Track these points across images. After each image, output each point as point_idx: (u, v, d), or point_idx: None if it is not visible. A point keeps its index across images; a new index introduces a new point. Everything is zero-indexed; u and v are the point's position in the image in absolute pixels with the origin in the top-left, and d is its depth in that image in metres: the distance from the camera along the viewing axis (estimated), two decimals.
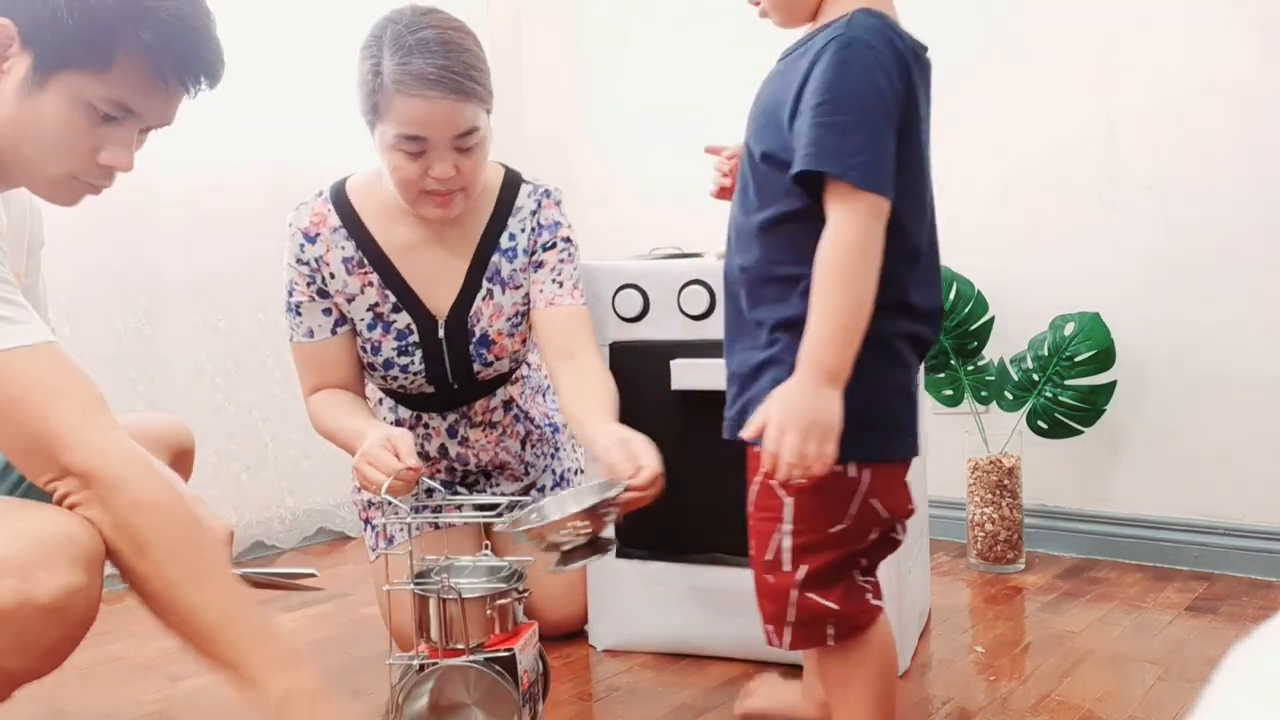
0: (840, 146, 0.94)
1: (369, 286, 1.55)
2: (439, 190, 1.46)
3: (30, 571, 0.92)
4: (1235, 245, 1.97)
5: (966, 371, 2.15)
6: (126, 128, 1.07)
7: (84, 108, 1.04)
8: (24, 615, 0.91)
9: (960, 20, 2.27)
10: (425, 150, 1.42)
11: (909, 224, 1.01)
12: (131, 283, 2.25)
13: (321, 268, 1.54)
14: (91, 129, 1.05)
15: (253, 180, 2.45)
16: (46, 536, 0.94)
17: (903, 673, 1.49)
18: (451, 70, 1.38)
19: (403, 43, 1.38)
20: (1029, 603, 1.84)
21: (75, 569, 0.94)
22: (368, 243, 1.54)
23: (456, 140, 1.42)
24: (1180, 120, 2.01)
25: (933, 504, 2.05)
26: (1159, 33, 2.03)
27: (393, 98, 1.39)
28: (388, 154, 1.45)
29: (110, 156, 1.07)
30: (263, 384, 2.44)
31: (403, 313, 1.55)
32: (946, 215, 2.29)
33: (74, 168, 1.07)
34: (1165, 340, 2.05)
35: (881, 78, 0.96)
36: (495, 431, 1.67)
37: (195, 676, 1.60)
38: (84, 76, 1.02)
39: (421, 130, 1.40)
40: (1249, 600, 1.81)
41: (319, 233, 1.54)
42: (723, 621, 1.55)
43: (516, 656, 1.14)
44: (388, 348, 1.56)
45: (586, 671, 1.57)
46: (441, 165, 1.43)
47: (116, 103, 1.05)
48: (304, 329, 1.56)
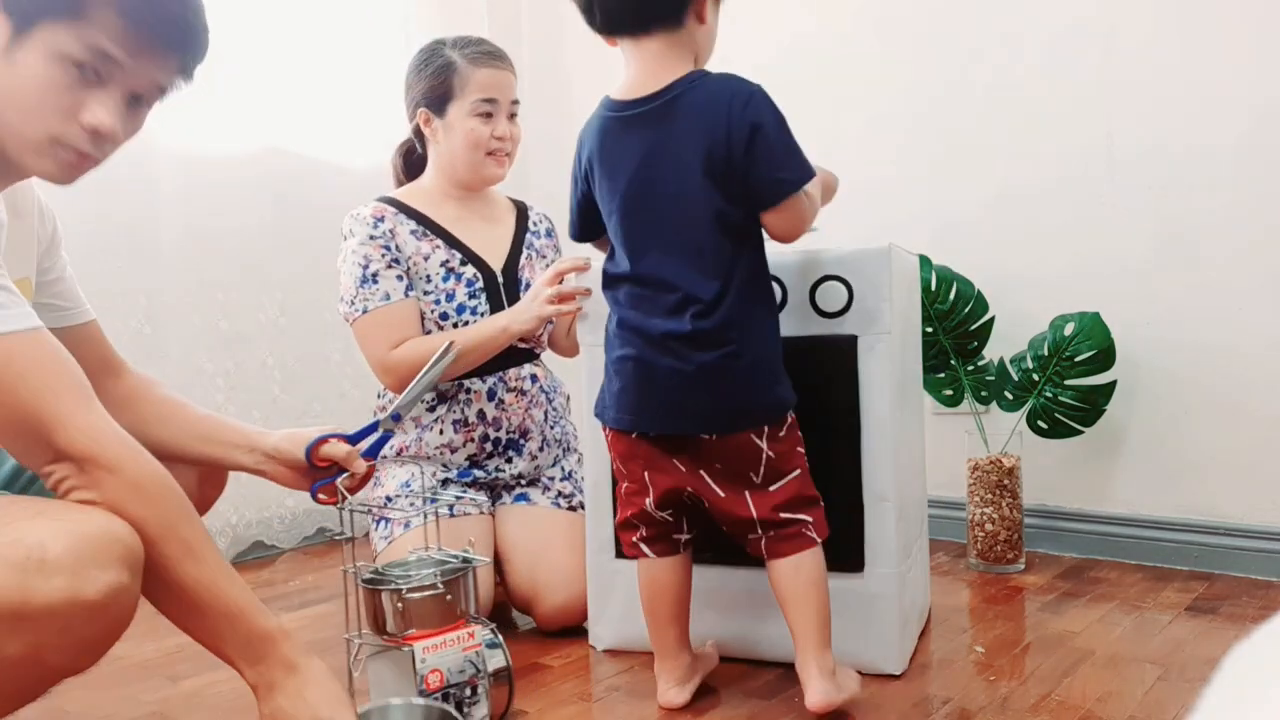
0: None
1: (437, 248, 1.85)
2: (499, 149, 1.85)
3: (80, 570, 0.94)
4: (1235, 245, 1.97)
5: (966, 371, 2.15)
6: (109, 90, 1.07)
7: (62, 62, 1.03)
8: (72, 612, 0.94)
9: (960, 20, 2.27)
10: (493, 114, 1.83)
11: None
12: (131, 283, 2.25)
13: (394, 239, 1.81)
14: (72, 87, 1.04)
15: (253, 181, 2.45)
16: (93, 536, 0.96)
17: (902, 673, 1.49)
18: (502, 52, 1.87)
19: (461, 41, 1.85)
20: (1029, 603, 1.84)
21: (121, 568, 0.97)
22: (425, 219, 1.87)
23: (511, 106, 1.87)
24: (1180, 120, 2.01)
25: (933, 504, 2.05)
26: (1159, 33, 2.03)
27: (472, 72, 1.82)
28: (466, 121, 1.82)
29: (92, 115, 1.05)
30: (263, 384, 2.44)
31: (469, 266, 1.86)
32: (947, 215, 2.31)
33: (56, 129, 1.05)
34: (1165, 340, 2.05)
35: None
36: (525, 399, 1.88)
37: (195, 676, 1.60)
38: (58, 28, 1.02)
39: (495, 93, 1.83)
40: (1249, 600, 1.81)
41: (383, 216, 1.83)
42: (723, 622, 1.55)
43: (415, 654, 1.23)
44: (460, 294, 1.84)
45: (586, 671, 1.57)
46: (502, 126, 1.85)
47: (93, 48, 1.04)
48: (380, 294, 1.78)
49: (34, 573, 0.92)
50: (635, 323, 1.35)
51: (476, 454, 1.85)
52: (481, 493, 1.85)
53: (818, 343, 1.48)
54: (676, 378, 1.31)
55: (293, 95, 2.50)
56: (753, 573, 1.53)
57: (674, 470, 1.37)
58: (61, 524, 0.96)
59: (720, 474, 1.35)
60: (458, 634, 1.27)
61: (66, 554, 0.94)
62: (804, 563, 1.35)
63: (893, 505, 1.47)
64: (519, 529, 1.79)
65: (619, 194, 1.35)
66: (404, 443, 1.84)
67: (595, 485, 1.65)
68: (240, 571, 1.10)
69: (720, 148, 1.28)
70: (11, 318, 1.00)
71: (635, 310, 1.35)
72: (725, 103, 1.28)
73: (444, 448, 1.82)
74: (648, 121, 1.33)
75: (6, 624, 0.91)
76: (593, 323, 1.63)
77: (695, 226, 1.31)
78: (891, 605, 1.48)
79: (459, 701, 1.26)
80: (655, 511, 1.40)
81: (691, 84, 1.31)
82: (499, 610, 1.82)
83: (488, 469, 1.86)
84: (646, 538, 1.42)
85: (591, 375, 1.63)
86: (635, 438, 1.38)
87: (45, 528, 0.95)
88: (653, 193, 1.33)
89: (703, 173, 1.29)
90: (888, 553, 1.48)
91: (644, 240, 1.34)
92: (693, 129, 1.29)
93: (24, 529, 0.95)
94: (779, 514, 1.35)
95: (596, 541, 1.65)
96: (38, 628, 0.93)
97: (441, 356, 1.41)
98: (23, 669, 0.94)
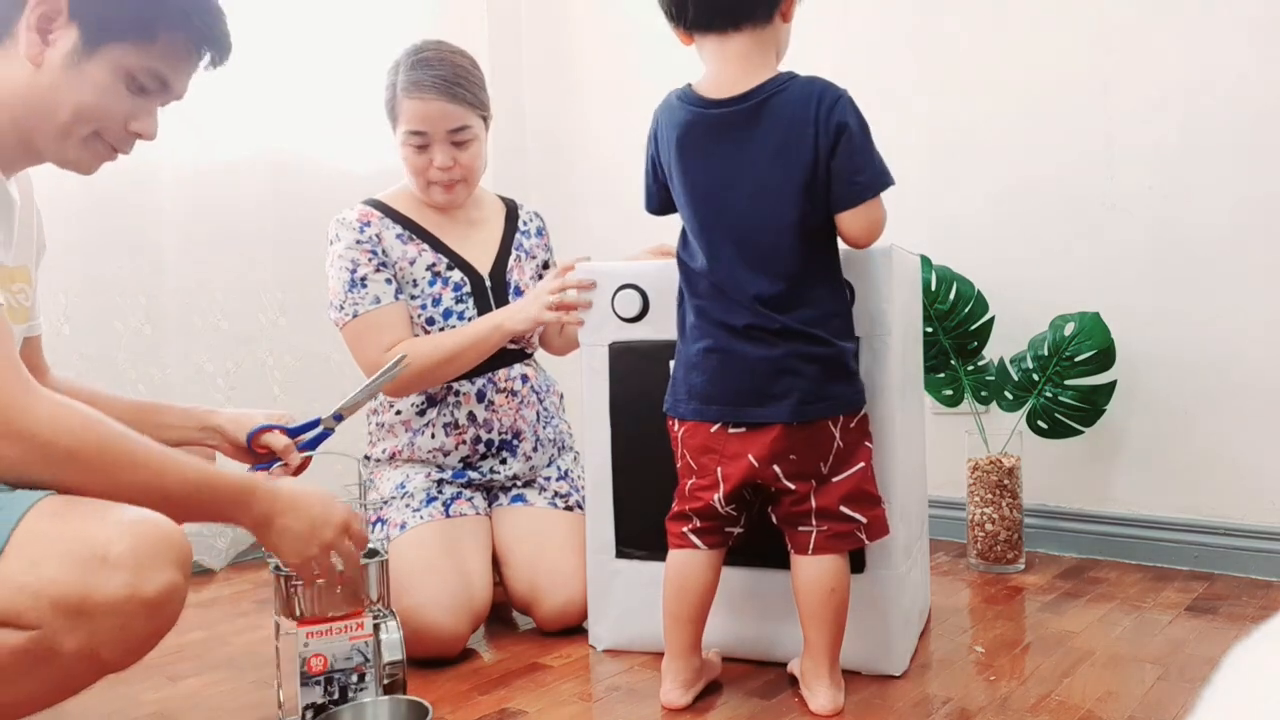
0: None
1: (423, 252, 1.83)
2: (442, 179, 1.80)
3: (141, 568, 0.99)
4: (1235, 245, 1.97)
5: (966, 371, 2.15)
6: (155, 100, 1.20)
7: (125, 77, 1.15)
8: (130, 609, 0.98)
9: (960, 20, 2.27)
10: (428, 144, 1.78)
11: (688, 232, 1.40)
12: (131, 283, 2.25)
13: (380, 243, 1.80)
14: (128, 98, 1.16)
15: (253, 181, 2.45)
16: (153, 535, 1.01)
17: (902, 673, 1.49)
18: (444, 79, 1.76)
19: (410, 62, 1.78)
20: (1029, 603, 1.84)
21: (176, 568, 1.02)
22: (410, 224, 1.84)
23: (451, 135, 1.78)
24: (1180, 121, 2.01)
25: (933, 504, 2.05)
26: (1158, 33, 2.03)
27: (402, 102, 1.77)
28: (402, 149, 1.80)
29: (140, 125, 1.19)
30: (263, 384, 2.44)
31: (455, 270, 1.84)
32: (947, 216, 2.31)
33: (105, 131, 1.17)
34: (1165, 340, 2.05)
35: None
36: (515, 400, 1.86)
37: (195, 676, 1.61)
38: (128, 48, 1.14)
39: (422, 125, 1.76)
40: (1249, 600, 1.81)
41: (369, 221, 1.81)
42: (722, 622, 1.55)
43: (298, 638, 1.30)
44: (447, 298, 1.82)
45: (586, 671, 1.57)
46: (441, 156, 1.78)
47: (154, 74, 1.17)
48: (370, 297, 1.77)
49: (97, 570, 0.96)
50: (718, 315, 1.35)
51: (469, 456, 1.84)
52: (478, 494, 1.85)
53: None
54: (765, 364, 1.33)
55: (293, 96, 2.49)
56: (756, 573, 1.53)
57: (748, 463, 1.35)
58: (121, 524, 1.00)
59: (793, 465, 1.35)
60: (346, 622, 1.32)
61: (128, 553, 0.98)
62: (837, 568, 1.36)
63: (893, 505, 1.47)
64: (516, 530, 1.78)
65: (699, 194, 1.36)
66: (396, 446, 1.83)
67: (595, 485, 1.64)
68: (242, 572, 1.12)
69: (809, 151, 1.30)
70: None
71: (716, 302, 1.36)
72: (814, 105, 1.30)
73: (436, 451, 1.82)
74: (736, 123, 1.33)
75: (68, 619, 0.96)
76: (595, 323, 1.63)
77: (778, 228, 1.32)
78: (892, 605, 1.48)
79: (343, 687, 1.32)
80: (723, 506, 1.38)
81: (781, 86, 1.32)
82: (499, 610, 1.82)
83: (482, 470, 1.85)
84: (700, 529, 1.41)
85: (591, 374, 1.63)
86: (714, 430, 1.37)
87: (107, 527, 0.99)
88: (737, 194, 1.33)
89: (789, 175, 1.31)
90: (888, 553, 1.48)
91: (724, 239, 1.35)
92: (783, 131, 1.31)
93: (89, 528, 0.98)
94: (840, 507, 1.36)
95: (596, 541, 1.65)
96: (97, 624, 0.97)
97: (393, 367, 1.50)
98: (77, 663, 0.99)
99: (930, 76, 2.32)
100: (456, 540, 1.70)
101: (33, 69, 1.11)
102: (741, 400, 1.35)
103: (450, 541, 1.69)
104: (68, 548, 0.96)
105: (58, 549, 0.96)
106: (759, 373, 1.33)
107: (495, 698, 1.46)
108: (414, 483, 1.79)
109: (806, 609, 1.37)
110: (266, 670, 1.61)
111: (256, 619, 1.92)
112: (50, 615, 0.95)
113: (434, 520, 1.73)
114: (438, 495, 1.78)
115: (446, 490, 1.80)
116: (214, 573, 2.27)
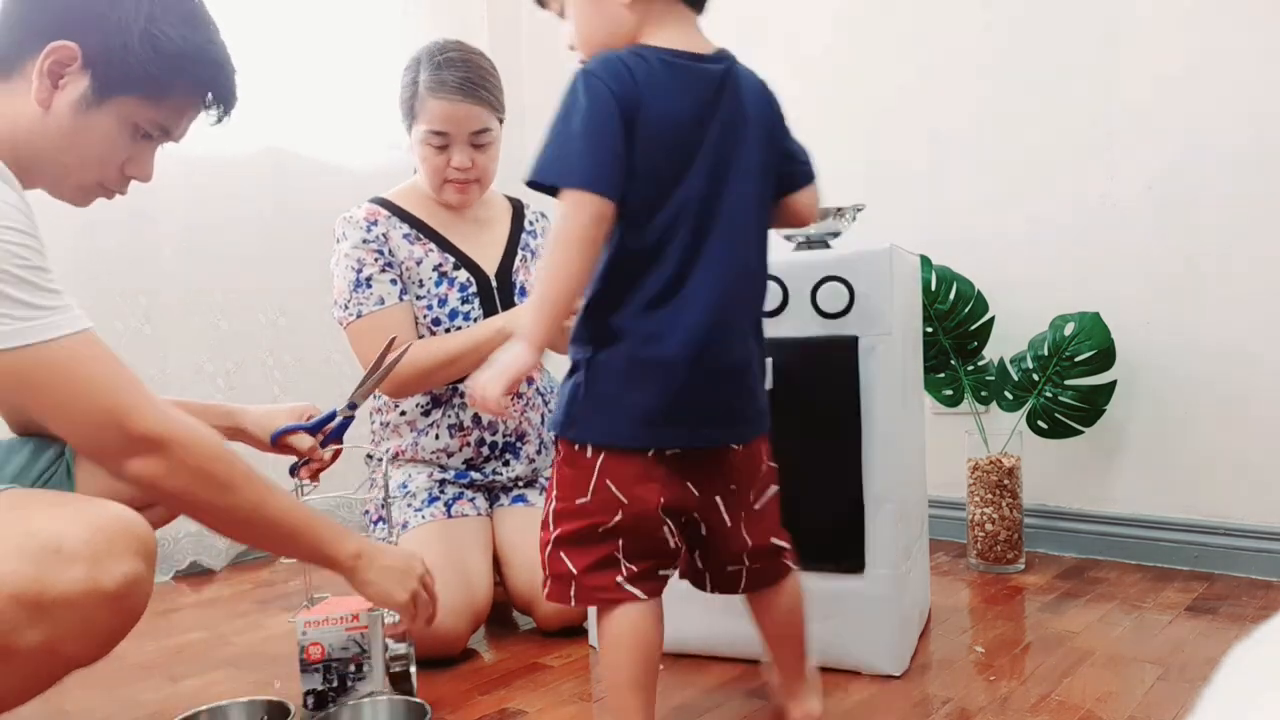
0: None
1: (430, 252, 1.83)
2: (459, 179, 1.81)
3: (99, 560, 0.97)
4: (1234, 245, 1.97)
5: (966, 371, 2.15)
6: (154, 144, 1.21)
7: (130, 127, 1.17)
8: (91, 602, 0.97)
9: (959, 20, 2.27)
10: (448, 144, 1.78)
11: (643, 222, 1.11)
12: (131, 283, 2.25)
13: (386, 243, 1.80)
14: (128, 145, 1.18)
15: (253, 181, 2.45)
16: (111, 527, 1.00)
17: (902, 673, 1.49)
18: (470, 80, 1.76)
19: (434, 61, 1.77)
20: (1029, 603, 1.84)
21: (138, 559, 1.01)
22: (418, 223, 1.85)
23: (472, 137, 1.79)
24: (1180, 121, 2.01)
25: (933, 504, 2.05)
26: (1159, 33, 2.03)
27: (425, 101, 1.76)
28: (420, 148, 1.79)
29: (135, 168, 1.21)
30: (263, 384, 2.44)
31: (461, 270, 1.84)
32: (947, 216, 2.31)
33: (104, 177, 1.19)
34: (1165, 340, 2.05)
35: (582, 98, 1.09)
36: (520, 401, 1.87)
37: (195, 676, 1.61)
38: (138, 102, 1.15)
39: (445, 126, 1.77)
40: (1249, 600, 1.81)
41: (376, 220, 1.81)
42: (722, 622, 1.55)
43: (298, 627, 1.35)
44: (453, 299, 1.82)
45: (586, 671, 1.57)
46: (460, 157, 1.79)
47: (160, 126, 1.19)
48: (375, 298, 1.77)
49: (51, 564, 0.95)
50: (670, 316, 1.10)
51: (473, 458, 1.84)
52: (479, 494, 1.85)
53: (819, 343, 1.48)
54: (733, 377, 1.15)
55: (292, 95, 2.50)
56: None
57: (688, 495, 1.15)
58: (78, 516, 0.99)
59: (732, 495, 1.18)
60: (343, 614, 1.36)
61: (84, 545, 0.97)
62: (792, 586, 1.24)
63: (893, 506, 1.47)
64: (517, 530, 1.79)
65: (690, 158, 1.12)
66: (400, 446, 1.84)
67: None
68: (242, 572, 1.13)
69: (777, 129, 1.21)
70: (75, 319, 1.04)
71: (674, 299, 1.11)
72: (761, 84, 1.21)
73: (440, 452, 1.82)
74: (713, 84, 1.14)
75: (26, 614, 0.93)
76: None
77: (756, 207, 1.18)
78: (892, 606, 1.48)
79: (343, 676, 1.35)
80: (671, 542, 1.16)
81: (732, 59, 1.18)
82: (499, 610, 1.82)
83: (485, 472, 1.85)
84: (634, 576, 1.13)
85: None
86: (652, 456, 1.12)
87: (62, 520, 0.98)
88: (733, 169, 1.14)
89: (764, 153, 1.18)
90: (888, 553, 1.48)
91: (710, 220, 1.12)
92: (753, 105, 1.17)
93: (40, 521, 0.97)
94: (770, 540, 1.22)
95: None
96: (56, 618, 0.95)
97: (393, 352, 1.54)
98: (39, 659, 0.97)
99: (930, 76, 2.32)
100: (458, 540, 1.71)
101: (40, 111, 1.12)
102: (721, 417, 1.16)
103: (451, 541, 1.69)
104: (19, 542, 0.95)
105: (11, 544, 0.95)
106: (732, 387, 1.18)
107: (495, 698, 1.46)
108: (416, 482, 1.79)
109: (771, 631, 1.26)
110: (267, 670, 1.61)
111: (257, 619, 1.92)
112: (6, 611, 0.92)
113: (435, 520, 1.73)
114: (439, 495, 1.78)
115: (448, 490, 1.81)
116: (214, 573, 2.27)
